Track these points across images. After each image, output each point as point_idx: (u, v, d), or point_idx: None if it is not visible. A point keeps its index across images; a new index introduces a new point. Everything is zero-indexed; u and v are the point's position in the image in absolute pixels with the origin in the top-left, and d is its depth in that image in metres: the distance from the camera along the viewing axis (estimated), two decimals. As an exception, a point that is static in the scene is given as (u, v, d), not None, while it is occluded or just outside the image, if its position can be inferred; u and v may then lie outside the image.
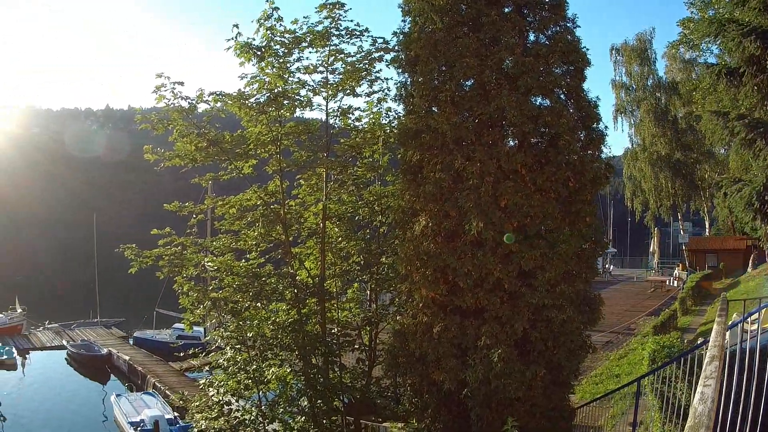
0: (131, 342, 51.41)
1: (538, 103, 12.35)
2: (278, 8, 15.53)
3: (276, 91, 15.97)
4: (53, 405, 36.25)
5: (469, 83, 12.75)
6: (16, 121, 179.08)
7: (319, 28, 15.91)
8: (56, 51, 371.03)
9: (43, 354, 48.79)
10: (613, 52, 60.47)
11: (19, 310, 55.08)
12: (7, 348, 45.97)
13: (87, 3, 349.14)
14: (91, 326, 56.92)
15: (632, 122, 59.95)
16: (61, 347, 49.01)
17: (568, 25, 12.77)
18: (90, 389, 40.96)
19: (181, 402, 25.07)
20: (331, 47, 16.18)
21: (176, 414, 29.16)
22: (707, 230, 67.28)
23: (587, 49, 12.65)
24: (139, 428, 27.52)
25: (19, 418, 33.22)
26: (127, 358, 43.51)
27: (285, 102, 16.33)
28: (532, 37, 12.98)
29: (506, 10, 12.77)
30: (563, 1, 12.81)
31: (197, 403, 17.21)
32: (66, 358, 46.78)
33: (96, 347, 47.14)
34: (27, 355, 47.16)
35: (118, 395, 33.41)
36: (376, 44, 16.23)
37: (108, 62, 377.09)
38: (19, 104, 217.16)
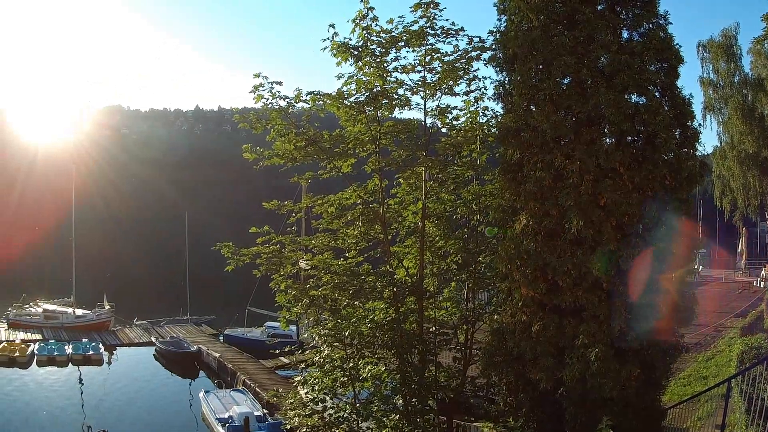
0: (221, 339, 55.27)
1: (633, 101, 13.33)
2: (373, 8, 16.93)
3: (375, 90, 17.42)
4: (140, 400, 39.66)
5: (565, 81, 13.87)
6: (104, 122, 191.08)
7: (415, 27, 17.09)
8: (146, 52, 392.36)
9: (131, 350, 53.01)
10: (700, 48, 60.13)
11: (107, 307, 59.78)
12: (93, 344, 50.12)
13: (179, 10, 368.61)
14: (181, 323, 61.40)
15: (720, 120, 59.67)
16: (150, 344, 53.27)
17: (660, 21, 13.76)
18: (178, 386, 44.52)
19: (275, 399, 27.17)
20: (427, 47, 17.35)
21: (266, 411, 31.46)
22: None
23: (680, 46, 13.58)
24: (227, 425, 29.75)
25: (105, 412, 36.48)
26: (217, 355, 46.86)
27: (384, 101, 17.74)
28: (625, 34, 14.02)
29: (599, 7, 13.85)
30: (656, -3, 13.75)
31: (291, 401, 19.01)
32: (154, 355, 50.73)
33: (185, 344, 51.10)
34: (114, 351, 51.25)
35: (206, 392, 36.11)
36: (473, 43, 17.29)
37: (198, 64, 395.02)
38: (108, 105, 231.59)
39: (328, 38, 17.16)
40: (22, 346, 47.91)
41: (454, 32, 17.25)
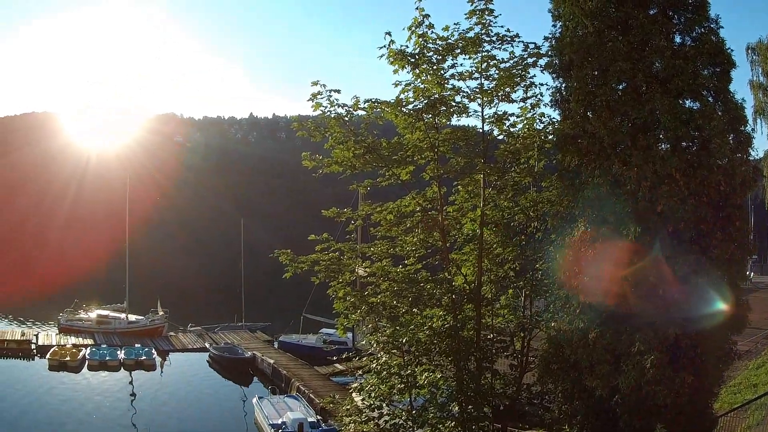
0: (276, 346, 57.70)
1: (687, 106, 14.15)
2: (428, 15, 17.71)
3: (433, 97, 18.33)
4: (192, 405, 41.91)
5: (620, 87, 14.72)
6: (157, 129, 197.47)
7: (470, 34, 17.83)
8: (200, 61, 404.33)
9: (184, 356, 55.52)
10: (749, 51, 59.79)
11: (161, 313, 62.68)
12: (146, 349, 52.65)
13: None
14: (235, 330, 63.90)
15: (771, 124, 59.29)
16: (204, 350, 55.72)
17: (712, 26, 14.56)
18: (231, 391, 46.58)
19: (330, 405, 28.43)
20: (483, 53, 18.05)
21: (319, 417, 33.01)
22: None
23: (731, 50, 14.35)
24: (280, 431, 31.27)
25: (157, 416, 38.68)
26: (271, 361, 48.96)
27: (442, 108, 18.62)
28: (678, 39, 14.87)
29: (652, 12, 14.69)
30: (706, 1, 14.57)
31: (348, 407, 20.11)
32: (208, 361, 53.05)
33: (240, 350, 53.37)
34: (167, 357, 53.80)
35: (260, 398, 37.85)
36: (528, 49, 17.94)
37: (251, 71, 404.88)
38: (161, 113, 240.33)
39: (385, 46, 17.95)
40: (73, 350, 50.52)
41: (509, 39, 17.90)
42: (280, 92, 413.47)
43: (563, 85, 16.42)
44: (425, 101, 18.46)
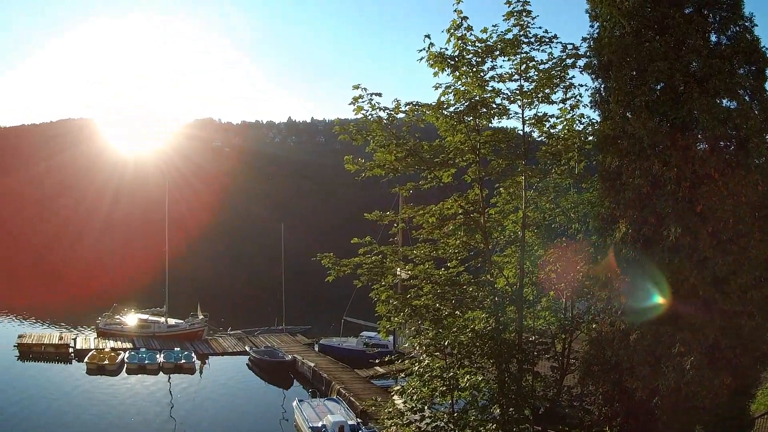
0: (316, 349, 59.17)
1: (725, 105, 14.65)
2: (467, 17, 18.21)
3: (474, 100, 18.89)
4: (230, 408, 43.15)
5: (658, 87, 15.25)
6: (195, 134, 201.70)
7: (509, 36, 18.30)
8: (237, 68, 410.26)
9: (224, 359, 57.08)
10: None
11: (201, 317, 64.62)
12: (186, 353, 54.35)
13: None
14: (276, 333, 65.47)
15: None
16: (244, 353, 57.31)
17: (747, 24, 15.07)
18: (271, 394, 48.25)
19: (372, 408, 29.19)
20: (522, 55, 18.51)
21: (359, 420, 33.98)
22: None
23: (766, 48, 14.82)
24: None
25: (196, 419, 40.19)
26: (311, 364, 50.38)
27: (482, 110, 19.19)
28: (713, 38, 15.37)
29: (688, 10, 15.23)
30: (740, -1, 14.98)
31: (389, 410, 20.79)
32: (248, 364, 54.62)
33: (280, 353, 54.84)
34: (206, 360, 55.41)
35: (300, 401, 39.01)
36: (566, 50, 18.35)
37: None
38: (199, 118, 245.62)
39: (424, 49, 18.50)
40: (112, 354, 52.40)
41: (547, 40, 18.28)
42: (316, 96, 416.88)
43: (602, 86, 16.92)
44: (466, 103, 18.96)
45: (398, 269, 21.11)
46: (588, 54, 17.56)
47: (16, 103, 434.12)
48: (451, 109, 19.24)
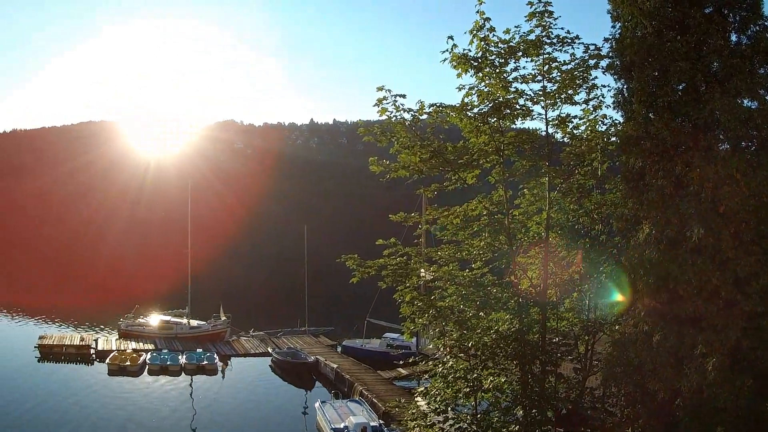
0: (339, 350, 59.72)
1: (746, 105, 14.89)
2: (489, 18, 18.48)
3: (497, 101, 19.14)
4: (253, 409, 43.83)
5: (680, 87, 15.52)
6: (216, 136, 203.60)
7: (531, 36, 18.56)
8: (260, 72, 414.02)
9: (247, 360, 57.75)
10: None
11: (224, 318, 65.49)
12: (208, 354, 54.95)
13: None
14: (299, 334, 66.14)
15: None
16: (266, 354, 57.87)
17: (766, 23, 15.28)
18: (294, 395, 48.72)
19: (396, 410, 29.57)
20: (545, 56, 18.77)
21: (382, 422, 34.37)
22: None
23: None
24: None
25: (218, 420, 40.66)
26: (334, 365, 50.82)
27: (506, 111, 19.40)
28: (733, 37, 15.61)
29: (707, 10, 15.48)
30: (760, -1, 15.21)
31: (413, 411, 21.14)
32: (270, 365, 55.13)
33: (302, 354, 55.28)
34: (228, 361, 56.05)
35: (322, 402, 39.45)
36: (589, 51, 18.53)
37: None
38: (220, 120, 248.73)
39: (447, 50, 18.80)
40: (134, 355, 53.16)
41: (569, 40, 18.53)
42: (338, 98, 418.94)
43: (625, 87, 17.19)
44: (490, 104, 19.22)
45: (422, 270, 21.41)
46: (610, 54, 17.80)
47: (37, 107, 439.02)
48: (475, 110, 19.54)
